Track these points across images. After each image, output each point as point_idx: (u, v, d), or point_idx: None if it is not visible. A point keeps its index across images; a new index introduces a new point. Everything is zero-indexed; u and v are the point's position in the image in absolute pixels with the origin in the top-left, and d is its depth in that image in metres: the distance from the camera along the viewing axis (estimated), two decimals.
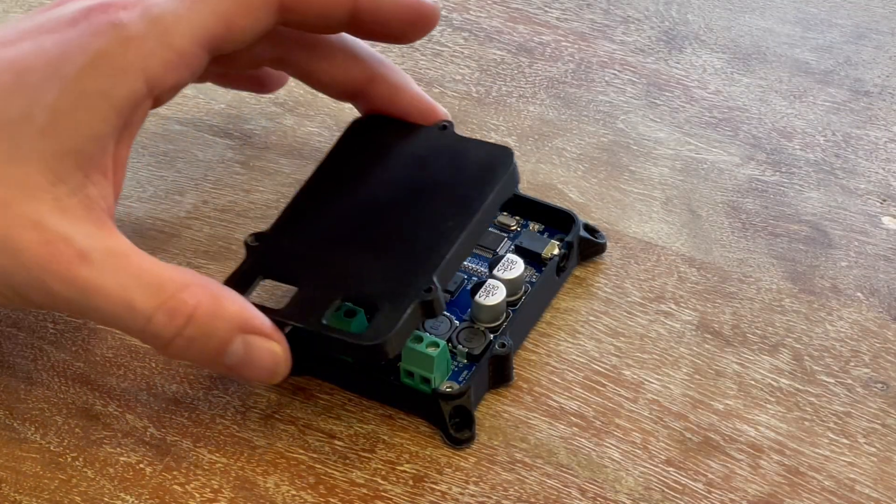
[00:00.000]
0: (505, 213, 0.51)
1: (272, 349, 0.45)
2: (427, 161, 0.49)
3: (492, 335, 0.48)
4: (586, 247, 0.51)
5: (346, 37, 0.51)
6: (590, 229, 0.51)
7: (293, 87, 0.57)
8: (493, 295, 0.48)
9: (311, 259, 0.46)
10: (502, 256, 0.49)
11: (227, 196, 0.54)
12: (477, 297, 0.48)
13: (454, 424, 0.46)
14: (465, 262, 0.50)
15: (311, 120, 0.56)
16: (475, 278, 0.50)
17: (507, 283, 0.48)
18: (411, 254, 0.45)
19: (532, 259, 0.50)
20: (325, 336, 0.44)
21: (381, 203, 0.47)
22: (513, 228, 0.51)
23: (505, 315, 0.48)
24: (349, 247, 0.46)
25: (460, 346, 0.47)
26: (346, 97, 0.52)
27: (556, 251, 0.50)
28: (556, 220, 0.51)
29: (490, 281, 0.48)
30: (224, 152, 0.55)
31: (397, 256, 0.45)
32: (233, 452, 0.46)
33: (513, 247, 0.51)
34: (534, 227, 0.51)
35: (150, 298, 0.43)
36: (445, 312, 0.48)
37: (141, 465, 0.46)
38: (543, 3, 0.62)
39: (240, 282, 0.46)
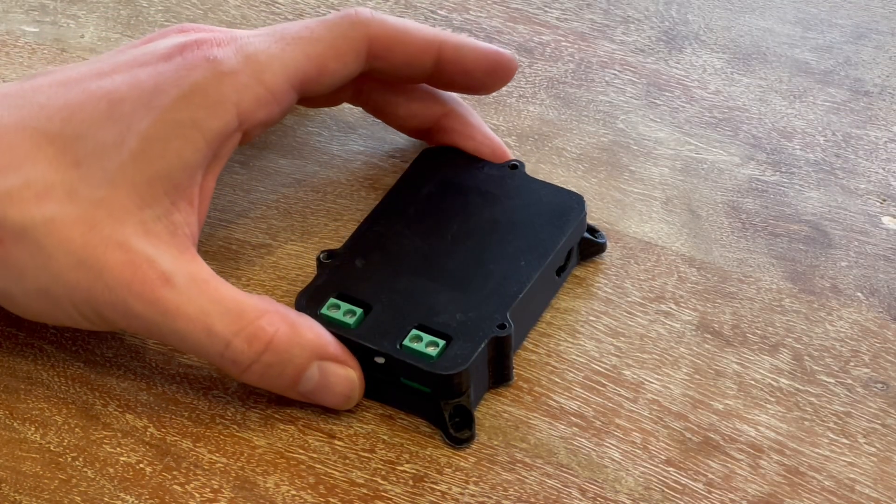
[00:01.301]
0: None
1: (348, 375, 0.46)
2: (499, 199, 0.50)
3: None
4: (586, 247, 0.51)
5: None
6: (590, 229, 0.51)
7: None
8: None
9: (385, 283, 0.47)
10: None
11: (227, 196, 0.54)
12: None
13: (454, 424, 0.46)
14: None
15: (311, 120, 0.56)
16: None
17: None
18: (486, 289, 0.47)
19: None
20: (400, 361, 0.45)
21: (454, 234, 0.49)
22: None
23: None
24: (424, 275, 0.48)
25: None
26: (419, 134, 0.53)
27: None
28: None
29: None
30: None
31: (472, 290, 0.47)
32: (233, 452, 0.46)
33: None
34: None
35: (229, 324, 0.45)
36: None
37: (141, 465, 0.46)
38: (543, 3, 0.62)
39: (314, 297, 0.47)
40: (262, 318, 0.45)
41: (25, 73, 0.58)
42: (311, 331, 0.46)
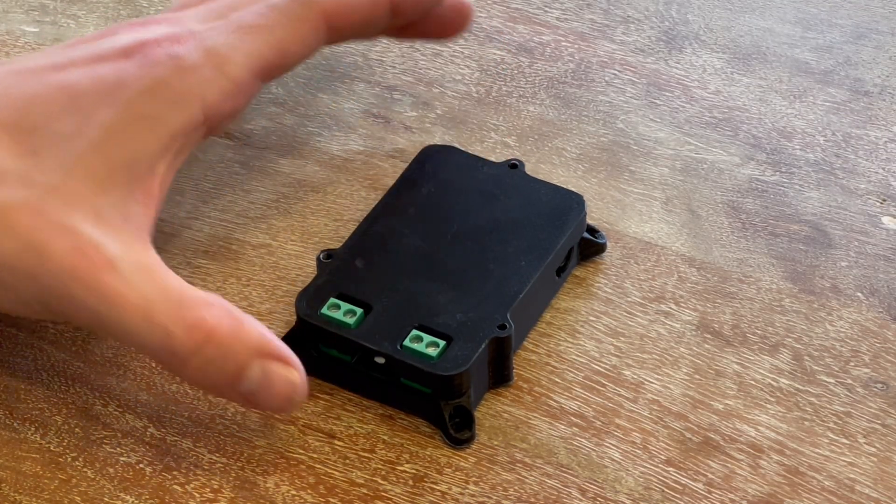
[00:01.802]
0: None
1: (290, 377, 0.44)
2: (498, 198, 0.50)
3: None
4: (586, 247, 0.51)
5: None
6: (590, 229, 0.51)
7: (293, 87, 0.57)
8: None
9: (385, 283, 0.47)
10: None
11: (227, 196, 0.54)
12: None
13: (454, 424, 0.46)
14: None
15: (311, 120, 0.56)
16: None
17: None
18: (486, 289, 0.47)
19: None
20: (400, 361, 0.45)
21: (454, 234, 0.49)
22: None
23: None
24: (424, 275, 0.48)
25: None
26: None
27: None
28: None
29: None
30: (224, 152, 0.55)
31: (472, 290, 0.47)
32: (233, 452, 0.46)
33: None
34: None
35: (170, 313, 0.43)
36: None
37: (141, 465, 0.46)
38: (543, 3, 0.62)
39: (314, 297, 0.47)
40: (204, 309, 0.44)
41: None
42: (255, 328, 0.44)
